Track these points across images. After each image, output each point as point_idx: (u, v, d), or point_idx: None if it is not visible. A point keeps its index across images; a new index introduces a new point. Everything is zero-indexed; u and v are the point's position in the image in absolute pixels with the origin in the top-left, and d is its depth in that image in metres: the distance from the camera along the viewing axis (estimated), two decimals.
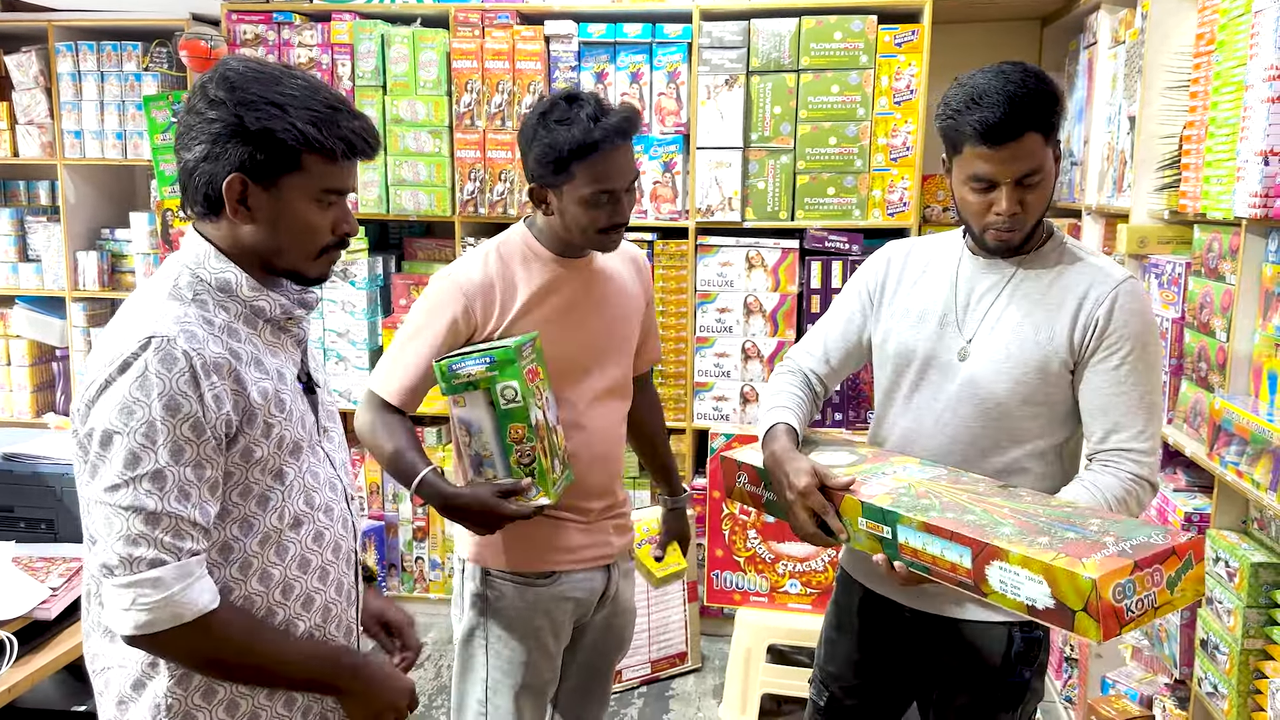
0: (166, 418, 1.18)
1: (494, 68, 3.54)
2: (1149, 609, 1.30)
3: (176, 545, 1.19)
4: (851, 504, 1.55)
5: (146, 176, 4.08)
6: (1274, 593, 1.97)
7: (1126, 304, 1.62)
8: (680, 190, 3.56)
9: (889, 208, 3.47)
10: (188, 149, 1.26)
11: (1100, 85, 3.06)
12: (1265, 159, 1.93)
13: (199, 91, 1.26)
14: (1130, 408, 1.61)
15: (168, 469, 1.19)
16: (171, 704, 1.28)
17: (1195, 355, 2.27)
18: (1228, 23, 2.12)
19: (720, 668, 3.45)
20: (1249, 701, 2.01)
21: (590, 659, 2.10)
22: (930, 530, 1.42)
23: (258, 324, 1.32)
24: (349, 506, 1.44)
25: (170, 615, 1.19)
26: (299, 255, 1.32)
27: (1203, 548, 1.36)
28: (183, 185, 1.29)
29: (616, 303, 1.99)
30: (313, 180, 1.27)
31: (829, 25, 3.39)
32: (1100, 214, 3.06)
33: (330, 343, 3.78)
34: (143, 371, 1.18)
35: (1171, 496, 2.32)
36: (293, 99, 1.24)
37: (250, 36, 3.70)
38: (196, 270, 1.29)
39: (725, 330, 3.59)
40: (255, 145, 1.23)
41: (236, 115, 1.22)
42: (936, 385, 1.73)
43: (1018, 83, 1.55)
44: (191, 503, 1.21)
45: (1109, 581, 1.25)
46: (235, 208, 1.26)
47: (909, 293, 1.79)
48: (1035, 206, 1.62)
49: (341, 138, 1.27)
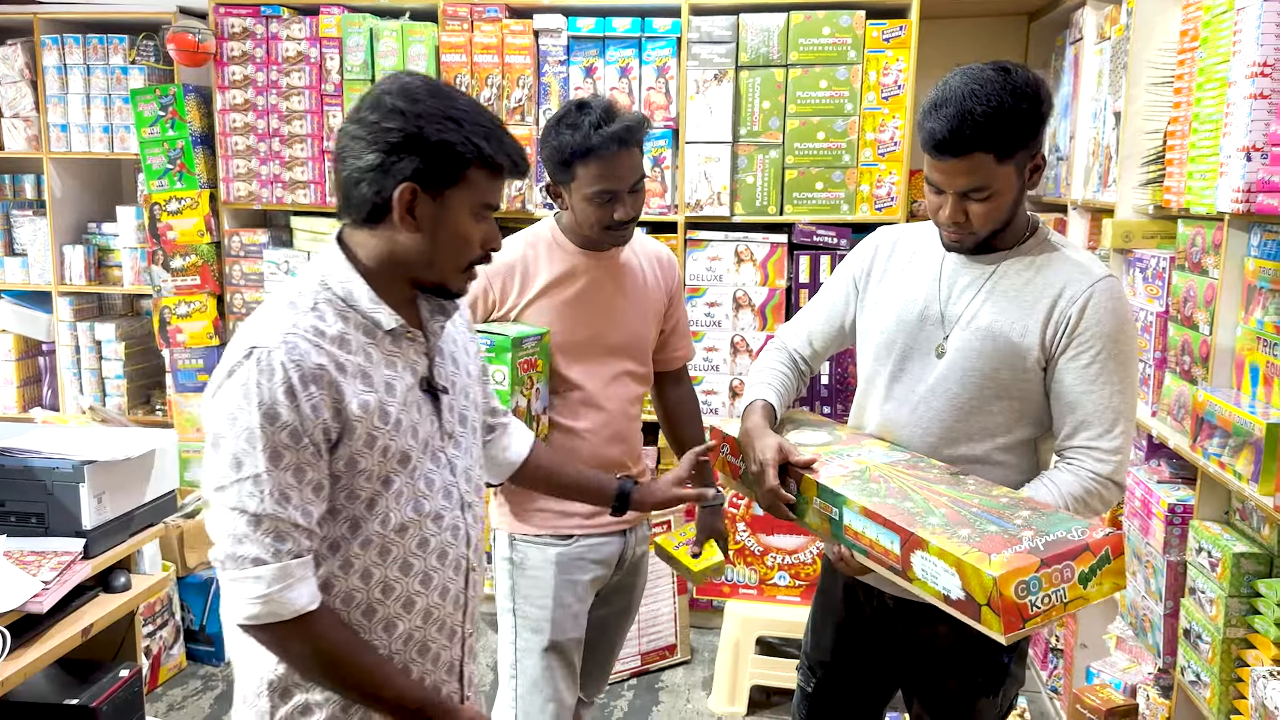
0: (265, 425, 1.23)
1: (483, 61, 3.54)
2: (1058, 604, 1.31)
3: (277, 546, 1.25)
4: (809, 484, 1.59)
5: (133, 170, 4.06)
6: (1255, 582, 2.00)
7: (1101, 302, 1.62)
8: (669, 185, 3.58)
9: (877, 202, 3.49)
10: (357, 156, 1.29)
11: (1086, 81, 3.08)
12: (1248, 154, 1.95)
13: (374, 102, 1.30)
14: (1099, 406, 1.62)
15: (266, 473, 1.24)
16: (273, 680, 1.35)
17: (1179, 349, 2.30)
18: (1211, 19, 2.15)
19: (710, 660, 3.47)
20: (1231, 690, 2.04)
21: (603, 619, 2.19)
22: (868, 515, 1.45)
23: (376, 334, 1.35)
24: (463, 514, 1.45)
25: (270, 612, 1.26)
26: (450, 267, 1.36)
27: (1121, 543, 1.37)
28: (345, 193, 1.32)
29: (635, 297, 2.11)
30: (474, 194, 1.32)
31: (817, 20, 3.40)
32: (1086, 209, 3.09)
33: None
34: (245, 380, 1.24)
35: (1155, 488, 2.35)
36: (465, 115, 1.30)
37: (238, 30, 3.69)
38: (326, 279, 1.34)
39: (714, 324, 3.60)
40: (430, 156, 1.28)
41: (417, 126, 1.27)
42: (915, 376, 1.76)
43: (982, 99, 1.53)
44: (292, 505, 1.26)
45: (1010, 579, 1.27)
46: (404, 216, 1.30)
47: (894, 281, 1.81)
48: (983, 218, 1.62)
49: (506, 154, 1.33)
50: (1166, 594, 2.27)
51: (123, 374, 4.08)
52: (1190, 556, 2.17)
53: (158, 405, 4.13)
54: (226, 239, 3.85)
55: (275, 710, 1.36)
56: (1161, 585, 2.28)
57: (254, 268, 3.82)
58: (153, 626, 3.27)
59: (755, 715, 3.19)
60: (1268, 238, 1.98)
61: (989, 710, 1.82)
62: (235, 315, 3.86)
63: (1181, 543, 2.23)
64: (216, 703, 3.24)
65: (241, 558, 1.25)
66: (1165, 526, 2.26)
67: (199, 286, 3.83)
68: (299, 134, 3.73)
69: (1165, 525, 2.26)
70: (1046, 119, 1.62)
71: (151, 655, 3.26)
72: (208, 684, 3.36)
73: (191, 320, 3.84)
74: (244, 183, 3.79)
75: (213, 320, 3.86)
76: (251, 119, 3.75)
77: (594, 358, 2.07)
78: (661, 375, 2.27)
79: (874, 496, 1.48)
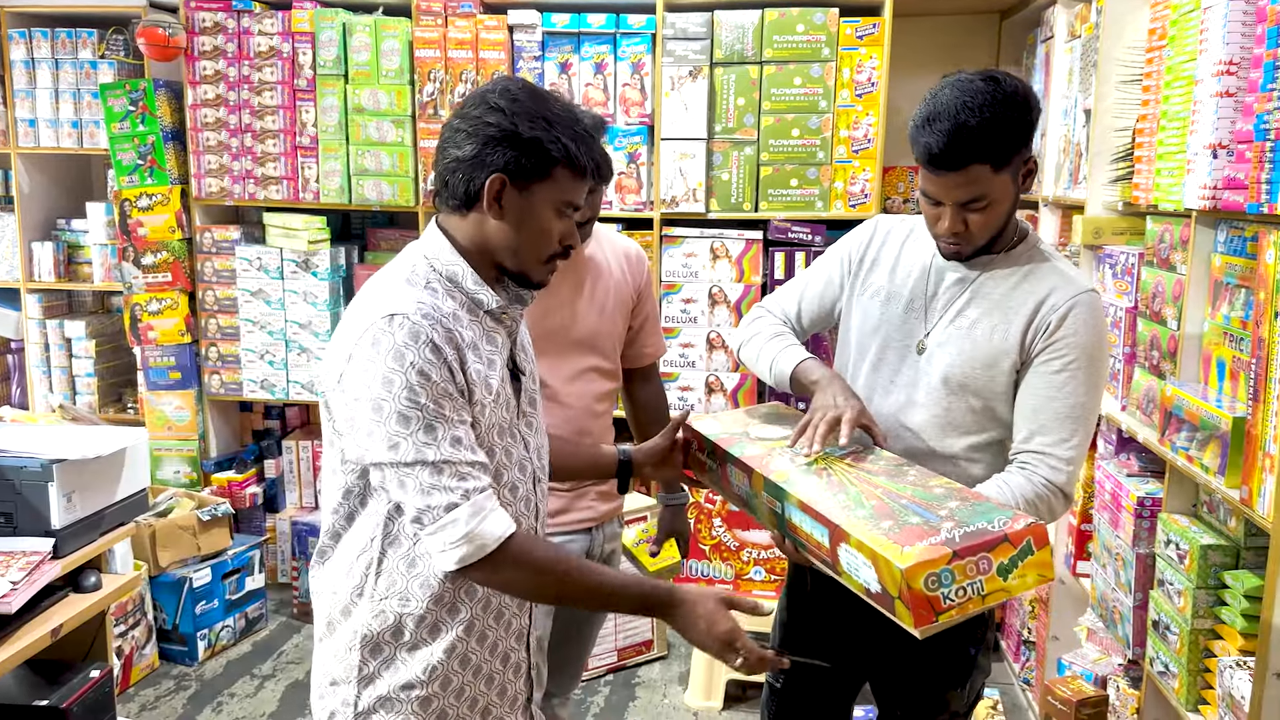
0: (422, 381, 1.32)
1: (457, 57, 3.53)
2: (975, 597, 1.29)
3: (463, 487, 1.34)
4: (758, 479, 1.58)
5: (103, 166, 4.02)
6: (1222, 574, 2.02)
7: (1081, 314, 1.63)
8: (645, 181, 3.58)
9: (851, 199, 3.51)
10: (459, 147, 1.40)
11: (1057, 79, 3.11)
12: (1214, 152, 1.98)
13: (479, 99, 1.41)
14: (1060, 414, 1.63)
15: (435, 421, 1.33)
16: (366, 635, 1.44)
17: (1147, 343, 2.32)
18: (1179, 18, 2.17)
19: (686, 655, 3.48)
20: (1199, 680, 2.07)
21: (573, 617, 2.17)
22: (804, 508, 1.46)
23: (478, 313, 1.45)
24: (534, 489, 1.55)
25: (476, 548, 1.34)
26: (531, 257, 1.45)
27: (1044, 534, 1.34)
28: (443, 179, 1.43)
29: (600, 292, 2.10)
30: (559, 192, 1.42)
31: (791, 18, 3.41)
32: (1057, 205, 3.11)
33: (292, 335, 3.76)
34: (393, 345, 1.32)
35: (1125, 481, 2.38)
36: (559, 118, 1.40)
37: (209, 24, 3.66)
38: (432, 261, 1.44)
39: (690, 321, 3.61)
40: (521, 151, 1.38)
41: (513, 123, 1.38)
42: (893, 368, 1.77)
43: (975, 109, 1.53)
44: (464, 446, 1.35)
45: (919, 571, 1.26)
46: (491, 203, 1.40)
47: (884, 272, 1.82)
48: (981, 228, 1.63)
49: (592, 158, 1.43)
50: (1136, 586, 2.29)
51: (93, 372, 4.03)
52: (1159, 549, 2.19)
53: (129, 403, 4.09)
54: (198, 235, 3.81)
55: (365, 664, 1.44)
56: (1131, 578, 2.30)
57: (226, 264, 3.79)
58: (124, 626, 3.24)
59: (731, 710, 3.20)
60: (1233, 234, 2.01)
61: (957, 701, 1.84)
62: (207, 312, 3.83)
63: (1150, 535, 2.26)
64: (189, 703, 3.21)
65: (434, 508, 1.33)
66: (1134, 519, 2.29)
67: (170, 283, 3.80)
68: (271, 129, 3.70)
69: (1134, 518, 2.29)
70: (1036, 124, 1.62)
71: (123, 655, 3.23)
72: (180, 684, 3.33)
73: (163, 317, 3.81)
74: (216, 179, 3.76)
75: (184, 317, 3.82)
76: (223, 114, 3.72)
77: (556, 352, 2.05)
78: (631, 372, 2.27)
79: (813, 490, 1.48)
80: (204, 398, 3.90)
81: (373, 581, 1.43)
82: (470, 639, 1.48)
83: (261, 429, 4.16)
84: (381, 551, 1.43)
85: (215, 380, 3.87)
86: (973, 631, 1.79)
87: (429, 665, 1.44)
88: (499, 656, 1.53)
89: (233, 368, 3.84)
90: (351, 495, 1.44)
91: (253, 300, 3.76)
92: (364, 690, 1.44)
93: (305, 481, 4.00)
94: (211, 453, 3.96)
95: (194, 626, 3.42)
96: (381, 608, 1.43)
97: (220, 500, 3.60)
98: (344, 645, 1.45)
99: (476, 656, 1.49)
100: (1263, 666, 1.80)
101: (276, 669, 3.44)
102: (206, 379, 3.88)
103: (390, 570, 1.43)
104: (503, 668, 1.54)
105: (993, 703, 3.02)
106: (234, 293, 3.79)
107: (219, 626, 3.52)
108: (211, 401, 3.93)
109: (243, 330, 3.79)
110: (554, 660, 2.13)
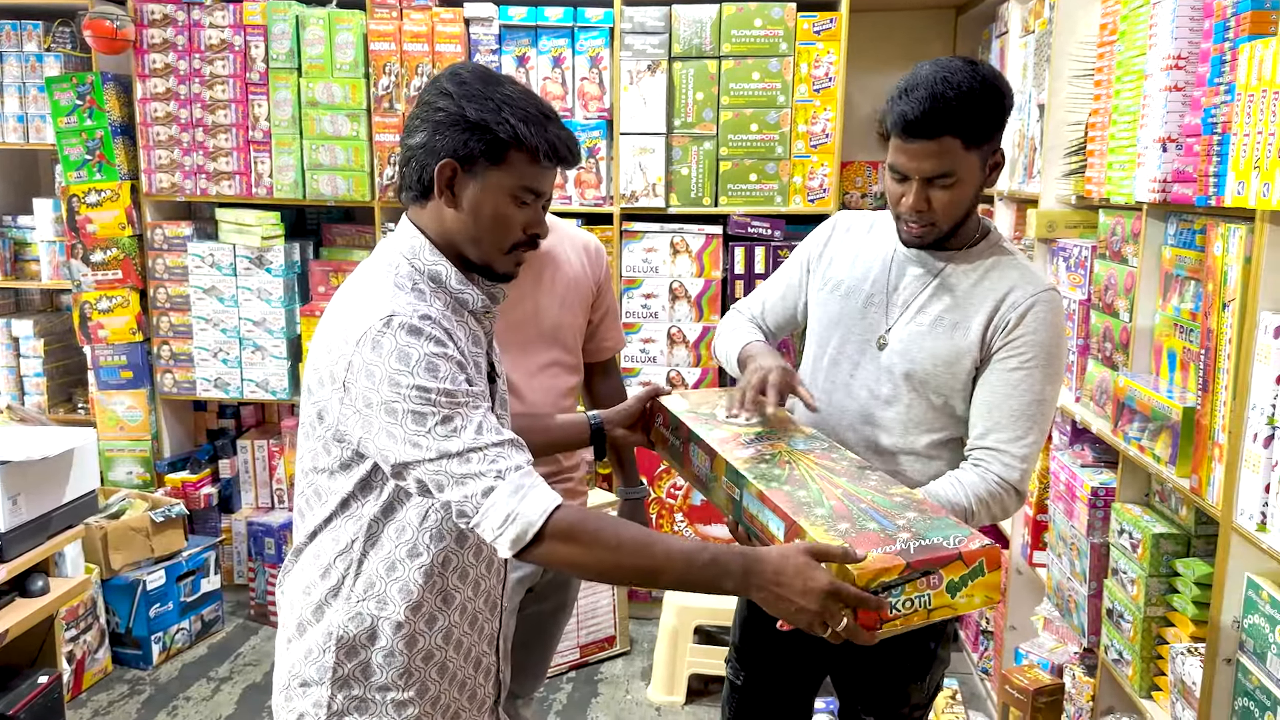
0: (430, 377, 1.29)
1: (413, 50, 3.49)
2: (921, 609, 1.29)
3: (496, 468, 1.29)
4: (720, 463, 1.58)
5: (50, 161, 3.93)
6: (1174, 562, 2.05)
7: (1041, 313, 1.63)
8: (604, 176, 3.56)
9: (809, 194, 3.52)
10: (411, 135, 1.39)
11: (1012, 74, 3.13)
12: (1164, 145, 2.00)
13: (432, 85, 1.40)
14: (1016, 411, 1.63)
15: (452, 412, 1.29)
16: (342, 636, 1.41)
17: (1100, 335, 2.35)
18: (1129, 13, 2.19)
19: (649, 650, 3.47)
20: (1151, 667, 2.10)
21: (537, 616, 2.16)
22: (762, 499, 1.46)
23: (463, 313, 1.44)
24: None
25: (524, 527, 1.28)
26: (492, 247, 1.42)
27: (997, 557, 1.34)
28: (401, 171, 1.42)
29: (561, 285, 2.09)
30: (514, 177, 1.38)
31: (749, 12, 3.41)
32: (1012, 199, 3.14)
33: (246, 332, 3.70)
34: (396, 346, 1.29)
35: (1080, 472, 2.41)
36: (510, 100, 1.36)
37: (158, 17, 3.59)
38: (412, 261, 1.41)
39: (651, 316, 3.60)
40: (470, 135, 1.35)
41: (460, 106, 1.35)
42: (853, 362, 1.77)
43: (954, 84, 1.54)
44: (488, 429, 1.31)
45: (871, 578, 1.25)
46: (443, 190, 1.37)
47: (844, 265, 1.82)
48: (946, 208, 1.62)
49: (547, 141, 1.38)
50: (1090, 575, 2.32)
51: (42, 371, 3.95)
52: (1113, 538, 2.22)
53: (80, 403, 4.01)
54: (149, 232, 3.74)
55: (340, 665, 1.42)
56: (1085, 567, 2.33)
57: (178, 261, 3.72)
58: (76, 630, 3.17)
59: (694, 704, 3.20)
60: (1183, 227, 2.04)
61: (917, 693, 1.85)
62: (159, 310, 3.76)
63: (1104, 525, 2.29)
64: (144, 707, 3.16)
65: (472, 497, 1.29)
66: (1089, 509, 2.31)
67: (121, 281, 3.73)
68: (223, 124, 3.64)
69: (1089, 508, 2.31)
70: (1008, 114, 1.63)
71: (75, 660, 3.16)
72: (134, 688, 3.27)
73: (113, 315, 3.73)
74: (166, 174, 3.69)
75: (135, 315, 3.75)
76: (174, 108, 3.65)
77: (517, 349, 2.03)
78: (591, 366, 2.26)
79: (773, 482, 1.49)
80: (156, 397, 3.83)
81: (351, 583, 1.42)
82: (448, 646, 1.47)
83: (216, 428, 4.10)
84: (363, 553, 1.41)
85: (168, 379, 3.81)
86: (935, 628, 1.80)
87: (406, 669, 1.44)
88: (471, 661, 1.53)
89: (186, 366, 3.78)
90: (332, 496, 1.41)
91: (205, 297, 3.70)
92: (338, 692, 1.43)
93: (261, 481, 3.94)
94: (165, 453, 3.89)
95: (148, 630, 3.36)
96: (359, 609, 1.42)
97: (174, 501, 3.54)
98: (317, 646, 1.43)
99: (453, 664, 1.49)
100: (1212, 652, 1.83)
101: (233, 671, 3.39)
102: (159, 378, 3.81)
103: (370, 573, 1.41)
104: (474, 672, 1.54)
105: (952, 692, 3.05)
106: (186, 290, 3.73)
107: (174, 629, 3.46)
108: (164, 401, 3.86)
109: (196, 328, 3.73)
110: (518, 661, 2.11)
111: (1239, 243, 1.77)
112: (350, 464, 1.39)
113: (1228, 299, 1.80)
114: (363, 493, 1.40)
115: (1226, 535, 1.78)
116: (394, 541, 1.41)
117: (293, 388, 3.72)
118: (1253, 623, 1.75)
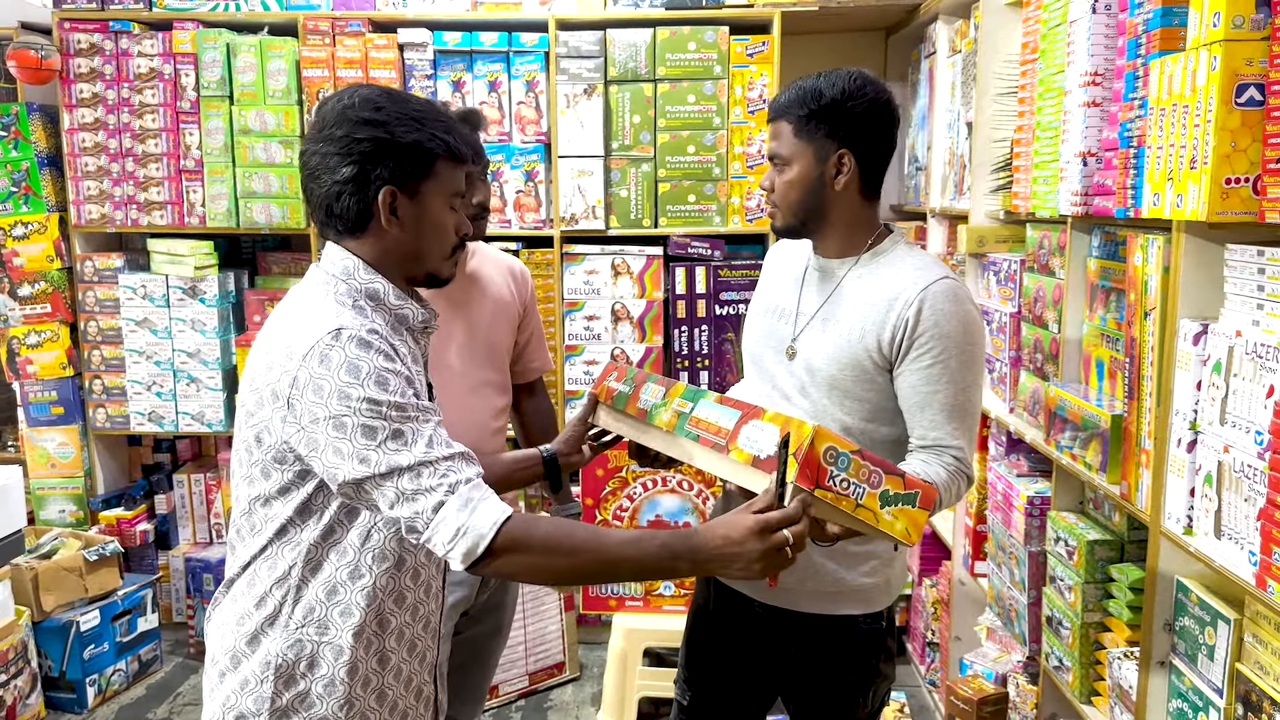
0: (379, 390, 1.29)
1: (346, 76, 3.46)
2: (850, 498, 1.37)
3: (446, 483, 1.29)
4: (678, 387, 1.63)
5: None
6: (1109, 568, 2.09)
7: (937, 305, 1.65)
8: (544, 199, 3.56)
9: (747, 214, 3.55)
10: (334, 171, 1.36)
11: (940, 93, 3.20)
12: (1084, 159, 2.05)
13: (338, 118, 1.37)
14: (943, 407, 1.66)
15: (402, 427, 1.29)
16: (280, 665, 1.39)
17: (1031, 347, 2.39)
18: (1048, 32, 2.25)
19: (599, 675, 3.44)
20: (1091, 672, 2.13)
21: (474, 640, 2.15)
22: (724, 402, 1.53)
23: (402, 331, 1.44)
24: None
25: (475, 539, 1.28)
26: (437, 256, 1.45)
27: (932, 500, 1.45)
28: (325, 208, 1.39)
29: (487, 308, 2.11)
30: (445, 184, 1.42)
31: (683, 36, 3.44)
32: (944, 216, 3.20)
33: (181, 364, 3.62)
34: (344, 360, 1.29)
35: (1015, 481, 2.44)
36: (424, 114, 1.39)
37: (85, 46, 3.53)
38: (348, 280, 1.40)
39: (594, 338, 3.60)
40: (403, 158, 1.36)
41: (389, 132, 1.35)
42: (770, 373, 1.83)
43: (810, 82, 1.69)
44: (438, 443, 1.31)
45: (826, 439, 1.35)
46: (389, 218, 1.38)
47: (766, 288, 1.91)
48: (782, 193, 1.74)
49: (468, 144, 1.44)
50: (1030, 583, 2.35)
51: None
52: (1050, 546, 2.26)
53: (9, 441, 3.89)
54: (79, 264, 3.66)
55: (279, 696, 1.39)
56: (1025, 575, 2.36)
57: (109, 293, 3.64)
58: (5, 676, 3.07)
59: None
60: (1105, 239, 2.09)
61: (862, 710, 1.85)
62: (90, 344, 3.67)
63: (1041, 533, 2.32)
64: None
65: (422, 512, 1.28)
66: (1026, 518, 2.35)
67: (50, 315, 3.63)
68: (154, 153, 3.57)
69: (1026, 517, 2.35)
70: (861, 121, 1.68)
71: (5, 707, 3.05)
72: None
73: (43, 350, 3.64)
74: (96, 205, 3.62)
75: (66, 350, 3.66)
76: (103, 138, 3.58)
77: (444, 372, 2.01)
78: (519, 388, 2.30)
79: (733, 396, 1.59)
80: (89, 432, 3.73)
81: (290, 610, 1.39)
82: (386, 673, 1.45)
83: (151, 463, 3.99)
84: (301, 579, 1.39)
85: (100, 414, 3.71)
86: (873, 641, 1.81)
87: (347, 699, 1.41)
88: (413, 690, 1.51)
89: (119, 400, 3.69)
90: (269, 524, 1.39)
91: (138, 330, 3.62)
92: None
93: (199, 516, 3.85)
94: (98, 489, 3.78)
95: (83, 672, 3.26)
96: (298, 636, 1.39)
97: (109, 539, 3.44)
98: (254, 677, 1.40)
99: (392, 691, 1.47)
100: (1146, 656, 1.86)
101: (172, 712, 3.30)
102: (91, 413, 3.72)
103: (309, 598, 1.39)
104: (415, 701, 1.52)
105: (900, 705, 3.06)
106: (118, 322, 3.64)
107: (110, 671, 3.36)
108: (97, 436, 3.76)
109: (128, 361, 3.65)
110: (456, 684, 2.08)
111: (1158, 253, 1.81)
112: (289, 488, 1.37)
113: (1149, 308, 1.84)
114: (301, 518, 1.38)
115: (1155, 540, 1.81)
116: (334, 565, 1.39)
117: (229, 419, 3.64)
118: (1184, 625, 1.78)
